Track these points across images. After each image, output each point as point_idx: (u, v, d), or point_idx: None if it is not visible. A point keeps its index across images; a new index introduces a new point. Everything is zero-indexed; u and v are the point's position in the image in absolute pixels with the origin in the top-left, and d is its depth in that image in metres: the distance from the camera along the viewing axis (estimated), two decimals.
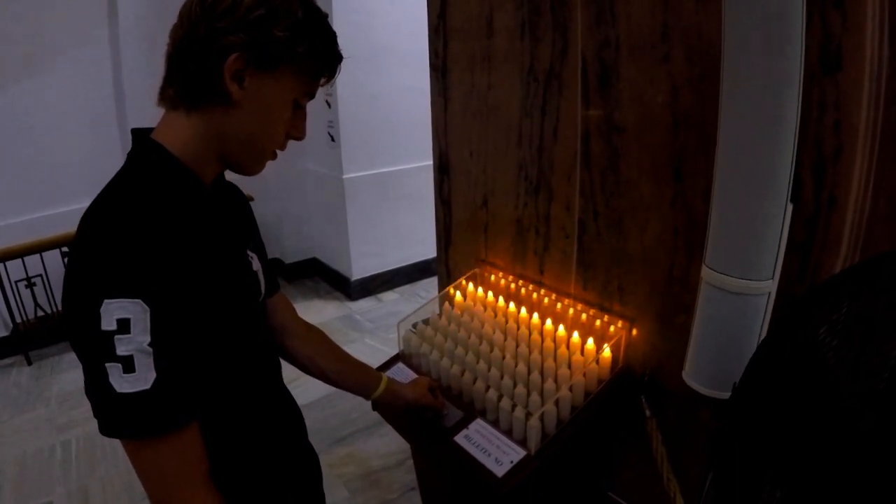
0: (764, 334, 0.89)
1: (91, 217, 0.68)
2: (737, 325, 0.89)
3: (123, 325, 0.62)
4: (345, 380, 1.14)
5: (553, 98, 1.42)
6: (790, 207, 0.89)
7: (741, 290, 0.87)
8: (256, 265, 0.91)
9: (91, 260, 0.64)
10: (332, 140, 3.70)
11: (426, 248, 4.03)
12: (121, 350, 0.63)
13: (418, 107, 3.46)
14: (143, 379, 0.64)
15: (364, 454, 2.43)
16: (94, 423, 0.70)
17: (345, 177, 3.66)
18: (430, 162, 1.94)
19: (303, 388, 1.21)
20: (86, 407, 0.72)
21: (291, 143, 0.84)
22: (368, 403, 1.23)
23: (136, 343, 0.63)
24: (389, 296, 4.02)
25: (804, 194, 0.99)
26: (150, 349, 0.64)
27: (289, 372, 1.06)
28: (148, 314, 0.63)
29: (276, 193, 4.08)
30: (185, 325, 0.68)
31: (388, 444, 2.46)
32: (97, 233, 0.66)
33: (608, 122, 1.29)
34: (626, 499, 1.46)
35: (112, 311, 0.62)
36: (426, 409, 1.27)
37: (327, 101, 3.69)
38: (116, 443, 0.72)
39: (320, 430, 2.53)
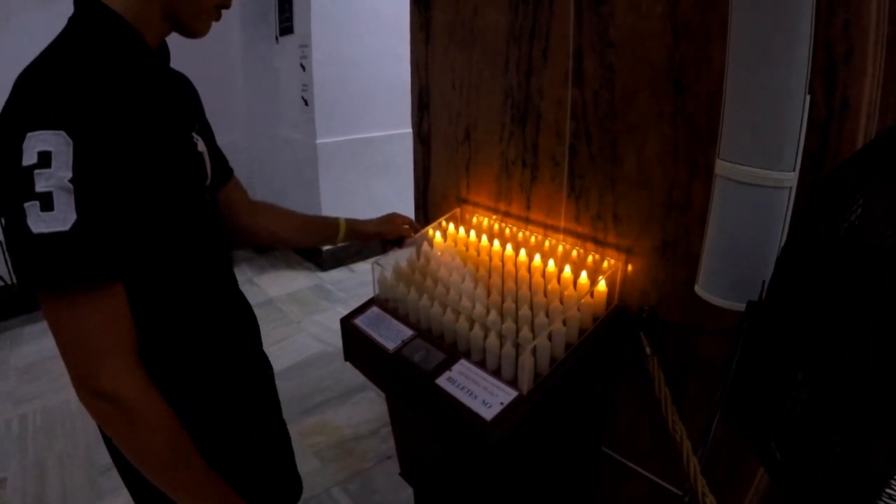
0: (785, 238, 0.81)
1: (25, 69, 0.65)
2: (757, 222, 0.79)
3: (44, 159, 0.60)
4: (308, 236, 1.25)
5: (543, 19, 1.31)
6: (808, 99, 0.81)
7: (761, 182, 0.77)
8: (202, 147, 0.88)
9: (18, 101, 0.63)
10: (306, 104, 3.55)
11: None
12: (40, 185, 0.60)
13: (397, 73, 3.35)
14: (61, 219, 0.60)
15: (336, 423, 2.31)
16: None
17: (318, 142, 3.52)
18: (408, 129, 1.84)
19: (271, 358, 1.16)
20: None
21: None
22: (340, 371, 1.19)
23: (56, 178, 0.60)
24: (362, 266, 3.90)
25: (816, 100, 0.92)
26: (71, 186, 0.61)
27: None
28: (70, 148, 0.60)
29: (245, 160, 3.92)
30: (112, 172, 0.65)
31: (361, 413, 2.35)
32: (27, 79, 0.64)
33: (602, 39, 1.20)
34: (621, 454, 1.37)
35: (34, 144, 0.60)
36: (395, 241, 1.34)
37: (301, 64, 3.54)
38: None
39: (290, 398, 2.40)
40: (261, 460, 0.99)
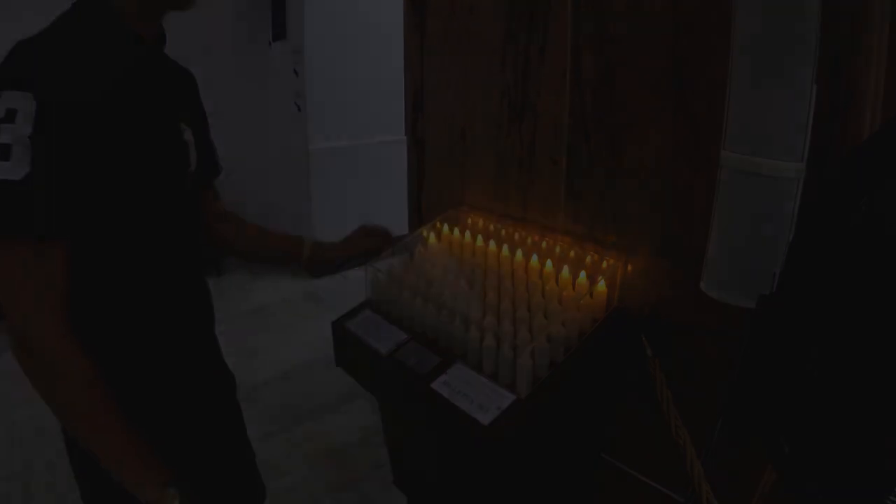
0: (793, 230, 0.78)
1: (19, 41, 0.71)
2: (765, 214, 0.77)
3: (10, 115, 0.66)
4: (270, 250, 1.21)
5: (540, 16, 1.29)
6: (815, 88, 0.79)
7: (770, 173, 0.75)
8: (188, 137, 0.91)
9: (4, 64, 0.70)
10: (299, 110, 3.53)
11: (396, 227, 3.88)
12: (2, 137, 0.65)
13: (391, 78, 3.34)
14: (14, 170, 0.66)
15: (327, 431, 2.27)
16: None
17: (311, 148, 3.49)
18: (402, 136, 1.83)
19: (262, 365, 1.14)
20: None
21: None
22: (330, 379, 1.16)
23: (17, 133, 0.66)
24: (355, 273, 3.85)
25: (820, 93, 0.89)
26: (29, 142, 0.66)
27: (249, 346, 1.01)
28: (34, 108, 0.66)
29: (236, 165, 3.88)
30: (74, 139, 0.69)
31: (353, 421, 2.31)
32: (16, 48, 0.71)
33: (601, 35, 1.18)
34: (622, 459, 1.33)
35: (5, 101, 0.66)
36: (366, 253, 1.32)
37: (295, 70, 3.52)
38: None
39: (281, 406, 2.36)
40: (213, 449, 0.99)
